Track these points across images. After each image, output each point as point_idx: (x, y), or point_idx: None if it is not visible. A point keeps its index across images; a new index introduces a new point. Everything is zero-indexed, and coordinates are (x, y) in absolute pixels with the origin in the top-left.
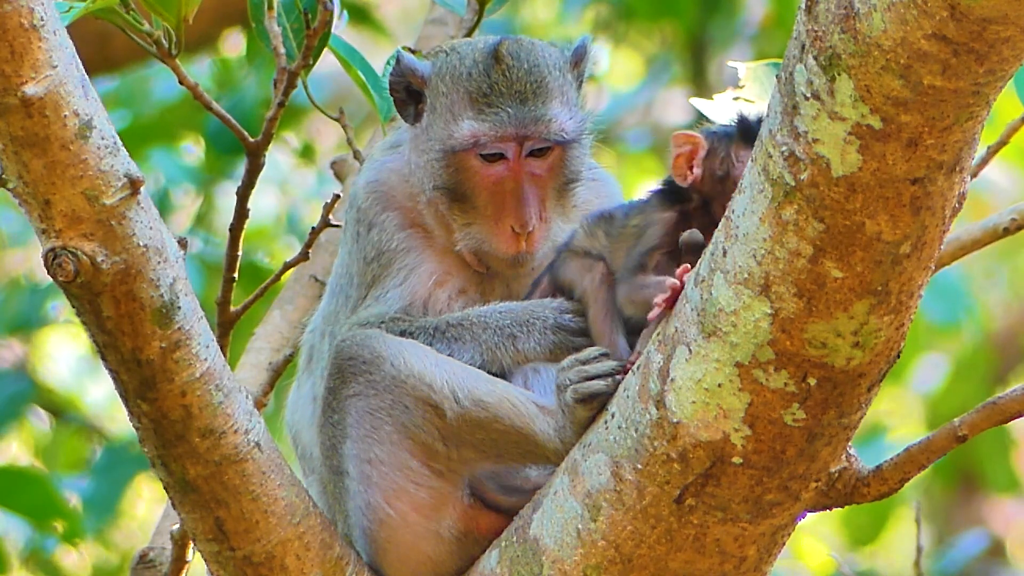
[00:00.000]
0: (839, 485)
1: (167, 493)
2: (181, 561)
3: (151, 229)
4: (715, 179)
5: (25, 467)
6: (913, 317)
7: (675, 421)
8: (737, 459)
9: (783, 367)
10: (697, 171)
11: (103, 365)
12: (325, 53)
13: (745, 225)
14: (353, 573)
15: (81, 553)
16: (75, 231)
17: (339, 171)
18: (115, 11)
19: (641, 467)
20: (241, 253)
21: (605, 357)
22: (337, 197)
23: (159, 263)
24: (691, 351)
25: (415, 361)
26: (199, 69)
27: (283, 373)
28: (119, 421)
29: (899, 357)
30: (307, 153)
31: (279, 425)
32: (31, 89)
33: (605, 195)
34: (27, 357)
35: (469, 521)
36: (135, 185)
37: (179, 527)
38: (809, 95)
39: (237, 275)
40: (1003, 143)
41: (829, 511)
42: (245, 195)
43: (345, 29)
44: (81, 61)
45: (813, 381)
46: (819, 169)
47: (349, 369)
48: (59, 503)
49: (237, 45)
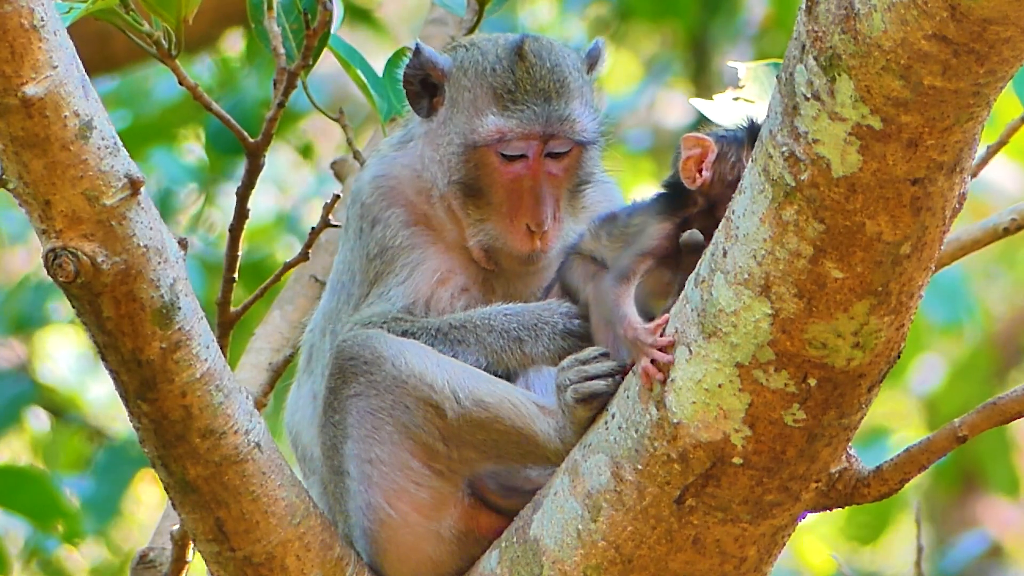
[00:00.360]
0: (839, 486)
1: (167, 493)
2: (181, 561)
3: (151, 229)
4: (724, 183)
5: (25, 467)
6: (913, 317)
7: (675, 422)
8: (737, 460)
9: (783, 367)
10: (706, 174)
11: (103, 365)
12: (325, 53)
13: (745, 225)
14: (353, 573)
15: (81, 553)
16: (75, 231)
17: (339, 171)
18: (115, 12)
19: (641, 467)
20: (241, 253)
21: (605, 357)
22: (337, 197)
23: (159, 263)
24: (691, 352)
25: (416, 361)
26: (200, 69)
27: (283, 374)
28: (120, 421)
29: (899, 357)
30: (307, 153)
31: (279, 425)
32: (31, 89)
33: (611, 198)
34: (28, 357)
35: (470, 521)
36: (135, 185)
37: (179, 527)
38: (809, 95)
39: (237, 275)
40: (1003, 143)
41: (829, 511)
42: (245, 195)
43: (345, 29)
44: (81, 61)
45: (813, 382)
46: (819, 169)
47: (350, 369)
48: (59, 503)
49: (238, 45)
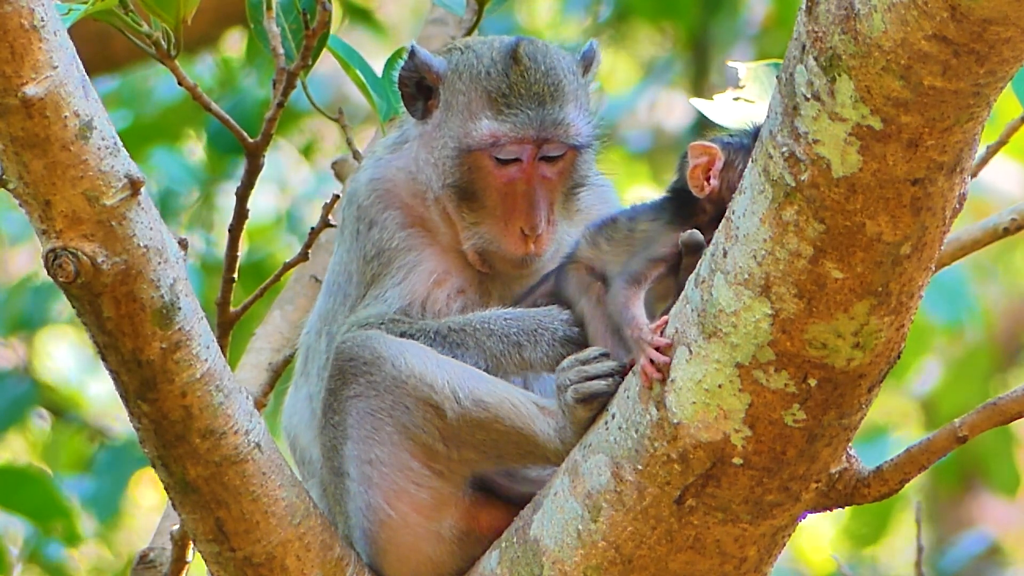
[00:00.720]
0: (839, 486)
1: (167, 494)
2: (181, 562)
3: (151, 230)
4: (732, 191)
5: (25, 467)
6: (913, 318)
7: (675, 422)
8: (737, 460)
9: (783, 368)
10: (714, 182)
11: (103, 366)
12: (325, 54)
13: (745, 226)
14: (353, 574)
15: (81, 553)
16: (75, 232)
17: (339, 171)
18: (114, 13)
19: (641, 468)
20: (241, 253)
21: (605, 357)
22: (337, 197)
23: (159, 264)
24: (691, 352)
25: (416, 362)
26: (201, 69)
27: (283, 374)
28: (120, 421)
29: (900, 358)
30: (307, 153)
31: (278, 426)
32: (31, 90)
33: (606, 201)
34: (29, 357)
35: (470, 521)
36: (135, 186)
37: (179, 527)
38: (809, 96)
39: (237, 275)
40: (1003, 143)
41: (830, 512)
42: (244, 195)
43: (345, 29)
44: (81, 61)
45: (813, 382)
46: (819, 170)
47: (350, 370)
48: (59, 503)
49: (239, 45)
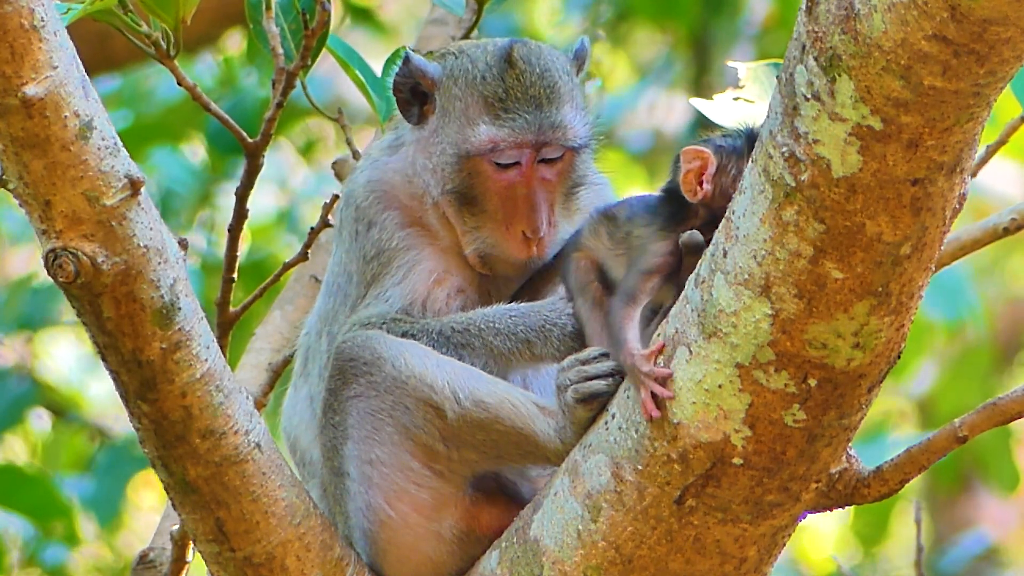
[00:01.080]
0: (839, 486)
1: (167, 494)
2: (181, 562)
3: (151, 230)
4: (726, 195)
5: (25, 467)
6: (913, 318)
7: (675, 422)
8: (737, 460)
9: (783, 368)
10: (707, 187)
11: (104, 366)
12: (324, 54)
13: (745, 226)
14: (353, 574)
15: (82, 553)
16: (75, 232)
17: (339, 171)
18: (113, 12)
19: (641, 468)
20: (241, 253)
21: (605, 357)
22: (336, 197)
23: (159, 264)
24: (691, 352)
25: (416, 362)
26: (201, 69)
27: (282, 374)
28: (120, 421)
29: (900, 358)
30: (307, 152)
31: (278, 426)
32: (31, 90)
33: (604, 199)
34: (29, 357)
35: (470, 521)
36: (135, 186)
37: (179, 528)
38: (810, 96)
39: (237, 275)
40: (1002, 143)
41: (830, 512)
42: (244, 195)
43: (345, 29)
44: (81, 61)
45: (813, 382)
46: (819, 170)
47: (350, 370)
48: (59, 503)
49: (239, 44)
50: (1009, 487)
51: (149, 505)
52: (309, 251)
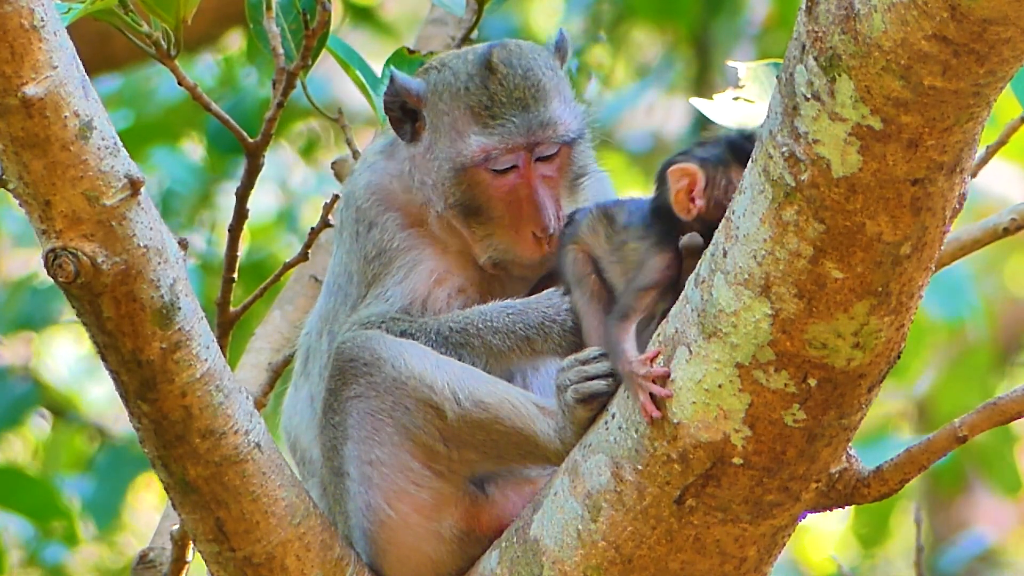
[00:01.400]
0: (839, 486)
1: (167, 494)
2: (181, 561)
3: (151, 230)
4: (720, 206)
5: (25, 467)
6: (913, 318)
7: (675, 422)
8: (737, 460)
9: (783, 368)
10: (700, 203)
11: (103, 366)
12: (324, 54)
13: (745, 226)
14: (353, 574)
15: (81, 554)
16: (75, 232)
17: (339, 171)
18: (114, 12)
19: (641, 468)
20: (241, 253)
21: (605, 357)
22: (336, 197)
23: (159, 264)
24: (691, 352)
25: (416, 362)
26: (201, 69)
27: (282, 374)
28: (120, 421)
29: (899, 358)
30: (307, 152)
31: (278, 426)
32: (31, 90)
33: (608, 193)
34: (29, 357)
35: (470, 521)
36: (135, 186)
37: (179, 527)
38: (809, 96)
39: (237, 275)
40: (1002, 143)
41: (830, 512)
42: (244, 195)
43: (346, 29)
44: (81, 61)
45: (813, 382)
46: (819, 170)
47: (350, 371)
48: (59, 503)
49: (239, 44)
50: (1011, 491)
51: (149, 505)
52: (309, 251)
